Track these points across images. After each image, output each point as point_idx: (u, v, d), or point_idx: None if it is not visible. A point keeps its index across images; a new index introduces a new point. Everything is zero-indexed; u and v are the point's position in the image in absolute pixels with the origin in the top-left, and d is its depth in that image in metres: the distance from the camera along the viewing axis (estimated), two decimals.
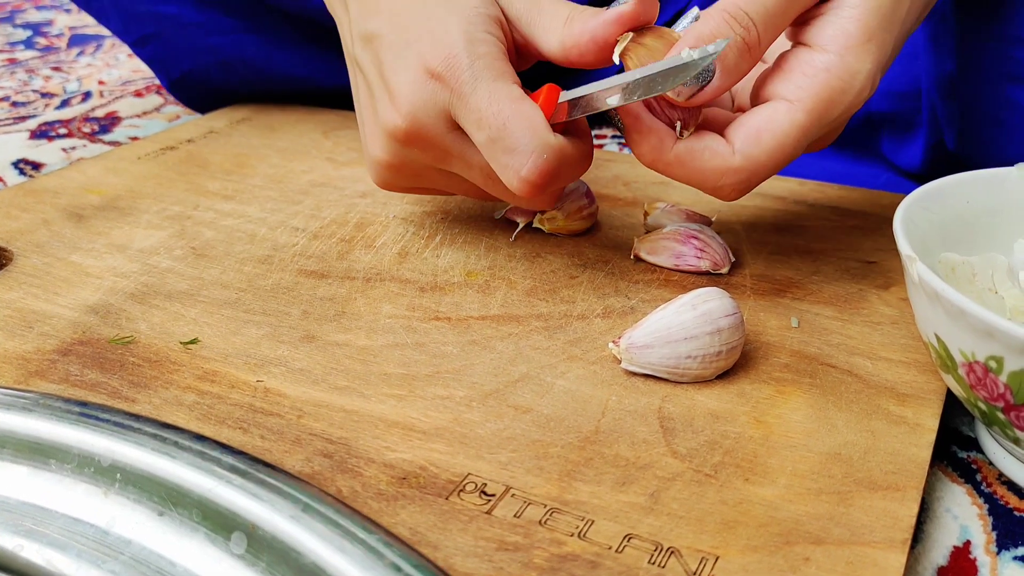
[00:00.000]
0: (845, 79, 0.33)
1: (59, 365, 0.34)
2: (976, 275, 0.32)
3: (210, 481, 0.25)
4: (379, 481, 0.28)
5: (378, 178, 0.39)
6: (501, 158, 0.34)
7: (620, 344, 0.33)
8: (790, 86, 0.34)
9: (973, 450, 0.32)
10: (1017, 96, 0.41)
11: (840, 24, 0.33)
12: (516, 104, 0.33)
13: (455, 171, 0.37)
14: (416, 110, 0.34)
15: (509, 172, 0.34)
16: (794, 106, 0.33)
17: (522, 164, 0.33)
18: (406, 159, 0.37)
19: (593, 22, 0.34)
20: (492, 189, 0.37)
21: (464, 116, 0.34)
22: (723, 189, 0.34)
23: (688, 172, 0.34)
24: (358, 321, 0.36)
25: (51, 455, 0.27)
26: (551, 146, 0.34)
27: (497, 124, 0.33)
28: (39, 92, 0.77)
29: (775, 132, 0.33)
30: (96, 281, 0.40)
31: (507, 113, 0.33)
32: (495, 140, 0.33)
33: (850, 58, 0.33)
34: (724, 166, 0.34)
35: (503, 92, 0.34)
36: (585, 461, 0.29)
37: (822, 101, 0.33)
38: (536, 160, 0.33)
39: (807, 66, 0.33)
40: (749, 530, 0.26)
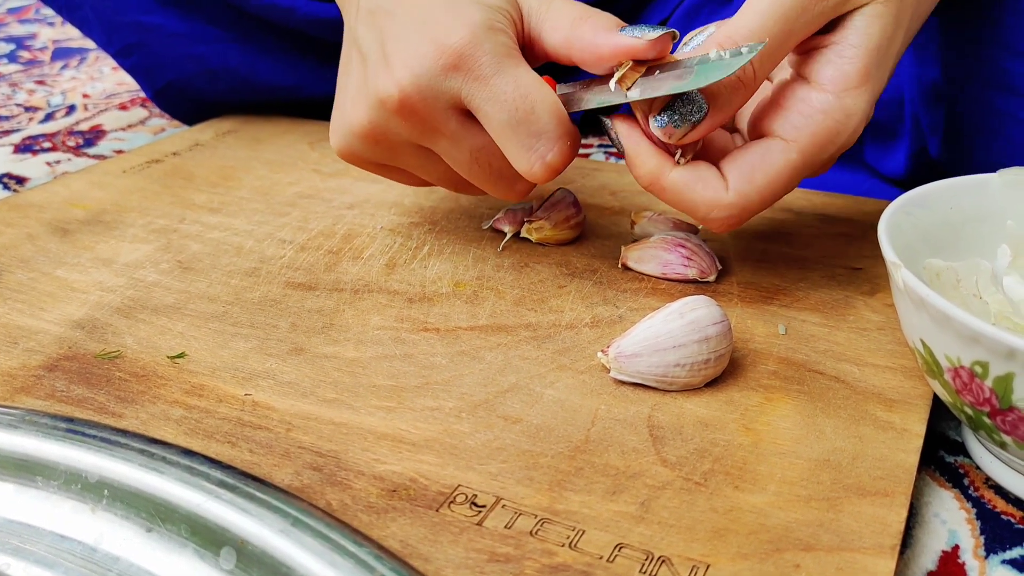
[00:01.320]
0: (841, 120, 0.34)
1: (45, 381, 0.33)
2: (960, 281, 0.32)
3: (198, 496, 0.25)
4: (369, 494, 0.28)
5: (346, 147, 0.39)
6: (525, 141, 0.34)
7: (609, 353, 0.33)
8: (787, 125, 0.34)
9: (960, 455, 0.33)
10: (1000, 103, 0.41)
11: (840, 65, 0.33)
12: (540, 88, 0.34)
13: (439, 150, 0.37)
14: (418, 80, 0.34)
15: (532, 155, 0.35)
16: (789, 146, 0.34)
17: (548, 149, 0.35)
18: (387, 130, 0.37)
19: (600, 41, 0.34)
20: (476, 174, 0.37)
21: (482, 97, 0.34)
22: (713, 221, 0.35)
23: (681, 200, 0.35)
24: (346, 333, 0.36)
25: (37, 472, 0.27)
26: (574, 133, 0.35)
27: (525, 107, 0.34)
28: (23, 106, 0.77)
29: (768, 171, 0.34)
30: (82, 296, 0.39)
31: (535, 97, 0.34)
32: (520, 123, 0.34)
33: (847, 100, 0.33)
34: (716, 200, 0.34)
35: (526, 76, 0.34)
36: (575, 471, 0.29)
37: (817, 143, 0.34)
38: (562, 147, 0.35)
39: (805, 105, 0.34)
40: (739, 538, 0.26)
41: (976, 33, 0.41)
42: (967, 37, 0.41)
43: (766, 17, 0.32)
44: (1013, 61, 0.40)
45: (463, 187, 0.40)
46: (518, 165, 0.35)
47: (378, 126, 0.37)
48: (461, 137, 0.36)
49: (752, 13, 0.32)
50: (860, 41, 0.33)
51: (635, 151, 0.35)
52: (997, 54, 0.40)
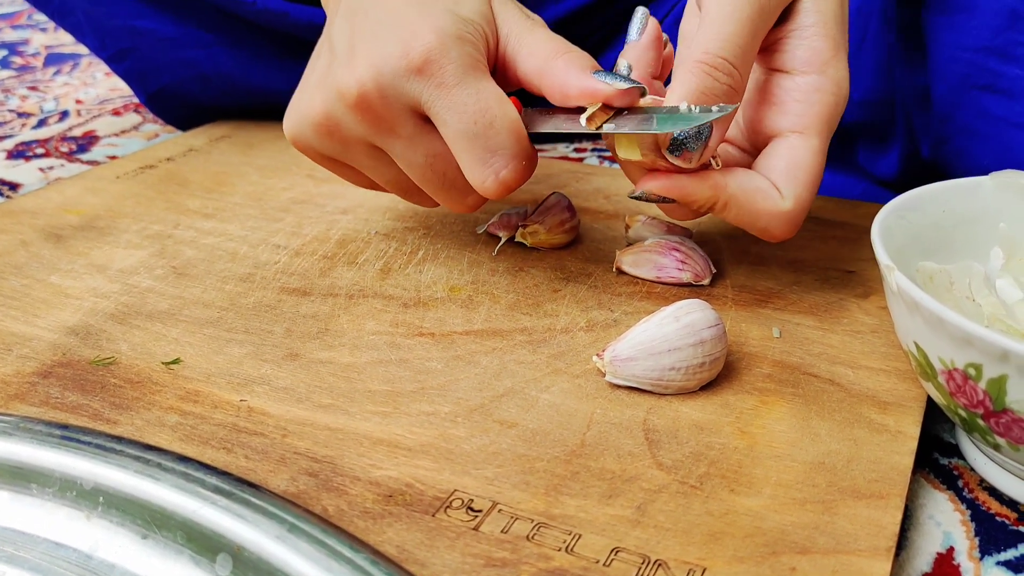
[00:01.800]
0: (835, 92, 0.34)
1: (39, 388, 0.33)
2: (954, 283, 0.32)
3: (194, 503, 0.25)
4: (365, 499, 0.28)
5: (299, 135, 0.38)
6: (480, 155, 0.34)
7: (604, 357, 0.33)
8: (791, 117, 0.35)
9: (954, 456, 0.33)
10: (990, 106, 0.41)
11: (808, 43, 0.34)
12: (503, 106, 0.34)
13: (392, 152, 0.37)
14: (380, 79, 0.34)
15: (487, 170, 0.34)
16: (806, 135, 0.35)
17: (503, 166, 0.34)
18: (341, 124, 0.36)
19: (571, 80, 0.34)
20: (428, 181, 0.37)
21: (442, 105, 0.34)
22: (772, 231, 0.35)
23: (741, 214, 0.35)
24: (341, 338, 0.36)
25: (32, 479, 0.27)
26: (530, 153, 0.35)
27: (484, 121, 0.34)
28: (15, 112, 0.76)
29: (805, 166, 0.34)
30: (76, 302, 0.39)
31: (495, 112, 0.34)
32: (477, 136, 0.34)
33: (831, 71, 0.34)
34: (777, 210, 0.34)
35: (489, 90, 0.34)
36: (571, 475, 0.29)
37: (826, 121, 0.35)
38: (517, 165, 0.35)
39: (797, 92, 0.35)
40: (735, 541, 0.26)
41: (969, 38, 0.41)
42: (960, 42, 0.41)
43: (734, 22, 0.33)
44: (1007, 66, 0.40)
45: (412, 194, 0.39)
46: (471, 178, 0.35)
47: (332, 118, 0.36)
48: (417, 141, 0.36)
49: (720, 21, 0.33)
50: (817, 18, 0.34)
51: (685, 189, 0.34)
52: (990, 59, 0.41)
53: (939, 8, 0.42)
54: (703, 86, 0.33)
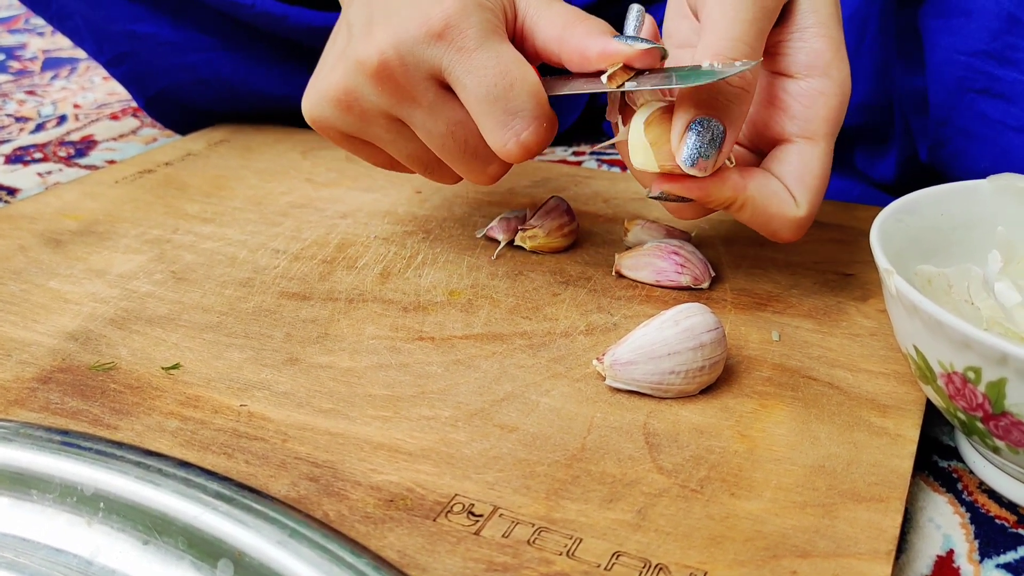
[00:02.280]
0: (839, 94, 0.35)
1: (39, 393, 0.33)
2: (952, 287, 0.32)
3: (195, 508, 0.25)
4: (366, 504, 0.28)
5: (318, 113, 0.38)
6: (501, 117, 0.34)
7: (604, 361, 0.33)
8: (798, 121, 0.35)
9: (954, 459, 0.33)
10: (988, 109, 0.41)
11: (809, 45, 0.34)
12: (522, 67, 0.35)
13: (413, 122, 0.36)
14: (400, 46, 0.34)
15: (507, 133, 0.34)
16: (814, 140, 0.35)
17: (523, 128, 0.35)
18: (361, 97, 0.36)
19: (591, 43, 0.34)
20: (449, 150, 0.37)
21: (463, 69, 0.34)
22: (782, 234, 0.35)
23: (756, 215, 0.35)
24: (341, 343, 0.36)
25: (32, 485, 0.27)
26: (551, 116, 0.35)
27: (504, 84, 0.34)
28: (13, 116, 0.76)
29: (816, 172, 0.35)
30: (75, 307, 0.39)
31: (516, 75, 0.34)
32: (498, 99, 0.34)
33: (834, 73, 0.34)
34: (791, 215, 0.35)
35: (509, 54, 0.34)
36: (572, 479, 0.29)
37: (832, 123, 0.35)
38: (538, 127, 0.35)
39: (802, 97, 0.35)
40: (736, 545, 0.26)
41: (966, 41, 0.41)
42: (956, 45, 0.42)
43: (741, 23, 0.33)
44: (1004, 69, 0.40)
45: (433, 169, 0.39)
46: (492, 141, 0.35)
47: (352, 92, 0.36)
48: (438, 109, 0.36)
49: (726, 24, 0.33)
50: (815, 19, 0.34)
51: (705, 189, 0.34)
52: (986, 62, 0.41)
53: (937, 12, 0.42)
54: (714, 90, 0.32)
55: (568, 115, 0.66)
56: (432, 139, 0.37)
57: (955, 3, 0.41)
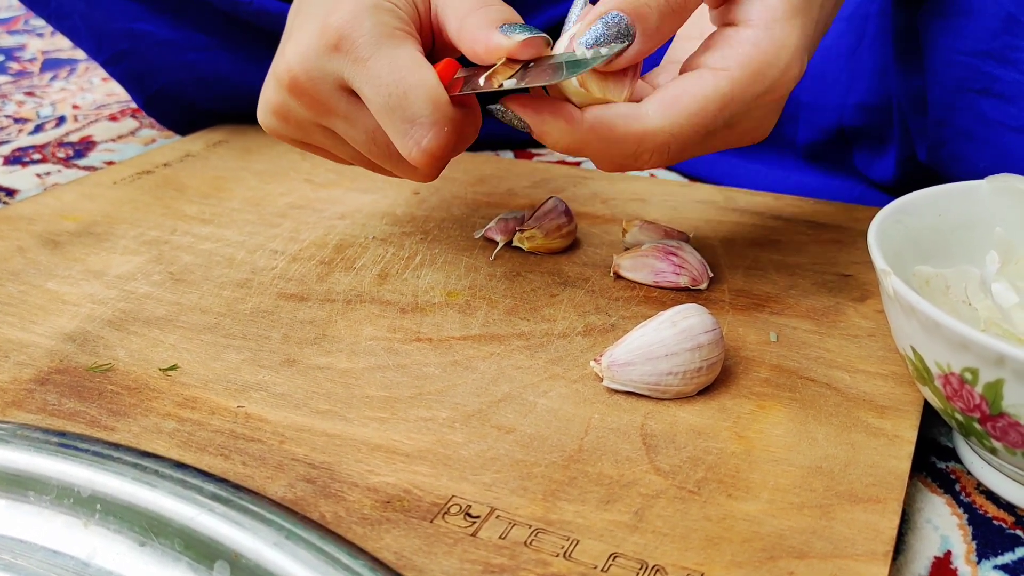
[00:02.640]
0: (771, 52, 0.32)
1: (36, 395, 0.33)
2: (950, 287, 0.32)
3: (192, 509, 0.25)
4: (363, 505, 0.28)
5: (265, 122, 0.39)
6: (400, 126, 0.33)
7: (601, 362, 0.33)
8: (715, 56, 0.33)
9: (951, 460, 0.33)
10: (987, 109, 0.41)
11: (765, 1, 0.33)
12: (417, 72, 0.33)
13: (338, 131, 0.37)
14: (305, 62, 0.34)
15: (409, 141, 0.33)
16: (718, 74, 0.32)
17: (423, 135, 0.33)
18: (291, 109, 0.37)
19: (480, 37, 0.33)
20: (376, 156, 0.37)
21: (361, 79, 0.33)
22: (642, 156, 0.33)
23: (603, 144, 0.32)
24: (339, 344, 0.36)
25: (29, 487, 0.27)
26: (452, 118, 0.34)
27: (398, 92, 0.33)
28: (12, 117, 0.76)
29: (695, 95, 0.32)
30: (73, 308, 0.39)
31: (409, 81, 0.33)
32: (394, 108, 0.33)
33: (776, 30, 0.33)
34: (641, 130, 0.32)
35: (404, 58, 0.33)
36: (569, 480, 0.29)
37: (748, 71, 0.32)
38: (438, 132, 0.33)
39: (733, 39, 0.33)
40: (733, 546, 0.26)
41: (965, 41, 0.41)
42: (956, 45, 0.42)
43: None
44: (1003, 69, 0.40)
45: (377, 167, 0.39)
46: (400, 149, 0.34)
47: (281, 105, 0.37)
48: (353, 117, 0.35)
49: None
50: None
51: (540, 118, 0.32)
52: (987, 62, 0.41)
53: (936, 12, 0.42)
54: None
55: None
56: (358, 145, 0.36)
57: (954, 3, 0.41)
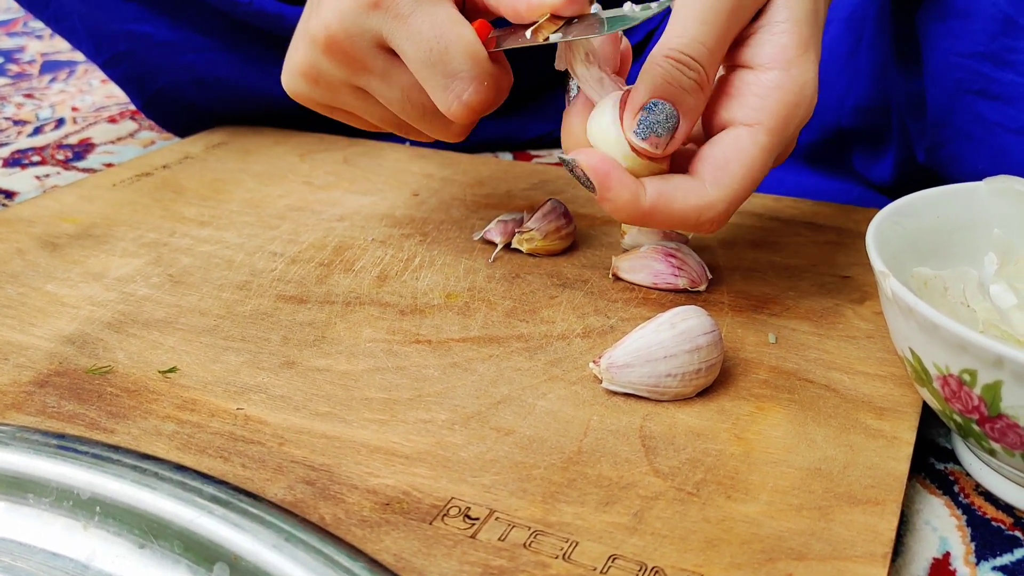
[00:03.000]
0: (796, 92, 0.33)
1: (36, 397, 0.33)
2: (948, 289, 0.32)
3: (191, 512, 0.25)
4: (362, 507, 0.28)
5: (292, 87, 0.40)
6: (441, 80, 0.35)
7: (600, 364, 0.33)
8: (745, 110, 0.34)
9: (950, 462, 0.33)
10: (985, 111, 0.41)
11: (776, 40, 0.34)
12: (457, 28, 0.35)
13: (372, 90, 0.37)
14: (344, 19, 0.35)
15: (449, 95, 0.35)
16: (755, 129, 0.34)
17: (463, 89, 0.35)
18: (322, 70, 0.37)
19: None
20: (410, 114, 0.37)
21: (401, 36, 0.35)
22: (703, 225, 0.34)
23: (667, 217, 0.34)
24: (338, 346, 0.36)
25: (29, 489, 0.27)
26: (491, 73, 0.35)
27: (440, 47, 0.34)
28: (11, 119, 0.76)
29: (743, 159, 0.33)
30: (72, 311, 0.39)
31: (450, 37, 0.34)
32: (435, 63, 0.34)
33: (795, 71, 0.33)
34: (701, 203, 0.33)
35: (443, 16, 0.35)
36: (568, 482, 0.29)
37: (781, 118, 0.33)
38: (478, 86, 0.35)
39: (756, 87, 0.34)
40: (732, 548, 0.26)
41: (963, 44, 0.41)
42: (954, 48, 0.42)
43: (704, 23, 0.32)
44: (1001, 71, 0.40)
45: (405, 128, 0.40)
46: (439, 104, 0.35)
47: (313, 66, 0.37)
48: (389, 75, 0.36)
49: (690, 20, 0.32)
50: (787, 15, 0.34)
51: (607, 185, 0.33)
52: (985, 65, 0.41)
53: (934, 14, 0.42)
54: (669, 77, 0.32)
55: None
56: (392, 104, 0.37)
57: (952, 6, 0.42)
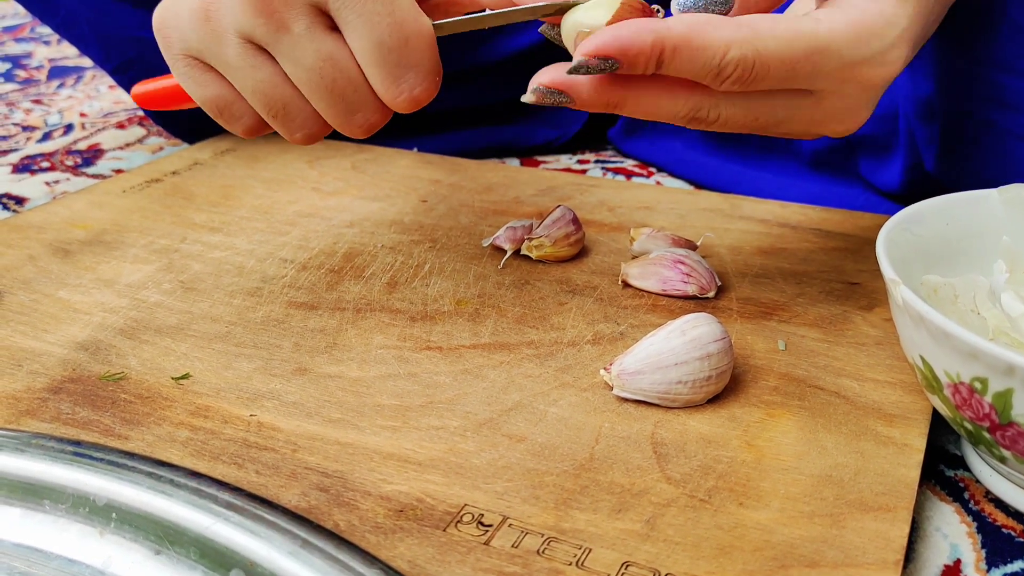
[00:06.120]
0: (879, 24, 0.31)
1: (50, 403, 0.33)
2: (958, 296, 0.32)
3: (206, 519, 0.25)
4: (376, 514, 0.28)
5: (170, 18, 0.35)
6: (394, 71, 0.33)
7: (611, 370, 0.33)
8: (823, 11, 0.32)
9: (960, 469, 0.33)
10: (997, 119, 0.41)
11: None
12: (419, 19, 0.33)
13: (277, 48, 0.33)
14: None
15: (402, 87, 0.33)
16: (821, 22, 0.31)
17: (416, 83, 0.33)
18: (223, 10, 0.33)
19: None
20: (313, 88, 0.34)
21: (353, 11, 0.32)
22: (726, 69, 0.30)
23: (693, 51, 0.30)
24: (350, 352, 0.37)
25: (45, 496, 0.27)
26: (440, 71, 0.34)
27: (400, 35, 0.32)
28: (20, 125, 0.77)
29: (790, 27, 0.30)
30: (85, 317, 0.39)
31: (412, 28, 0.32)
32: (392, 50, 0.32)
33: (887, 7, 0.31)
34: (732, 36, 0.30)
35: (405, 3, 0.33)
36: (581, 489, 0.29)
37: (850, 31, 0.31)
38: (432, 82, 0.33)
39: (844, 4, 0.32)
40: (744, 555, 0.26)
41: (972, 50, 0.41)
42: (963, 54, 0.42)
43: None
44: (1010, 78, 0.40)
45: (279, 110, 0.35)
46: (382, 92, 0.33)
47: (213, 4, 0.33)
48: (309, 39, 0.33)
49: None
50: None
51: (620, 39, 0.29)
52: (993, 71, 0.41)
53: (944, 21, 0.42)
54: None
55: (572, 124, 0.66)
56: (296, 71, 0.34)
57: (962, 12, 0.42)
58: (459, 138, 0.65)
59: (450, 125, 0.65)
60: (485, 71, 0.63)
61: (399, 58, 0.32)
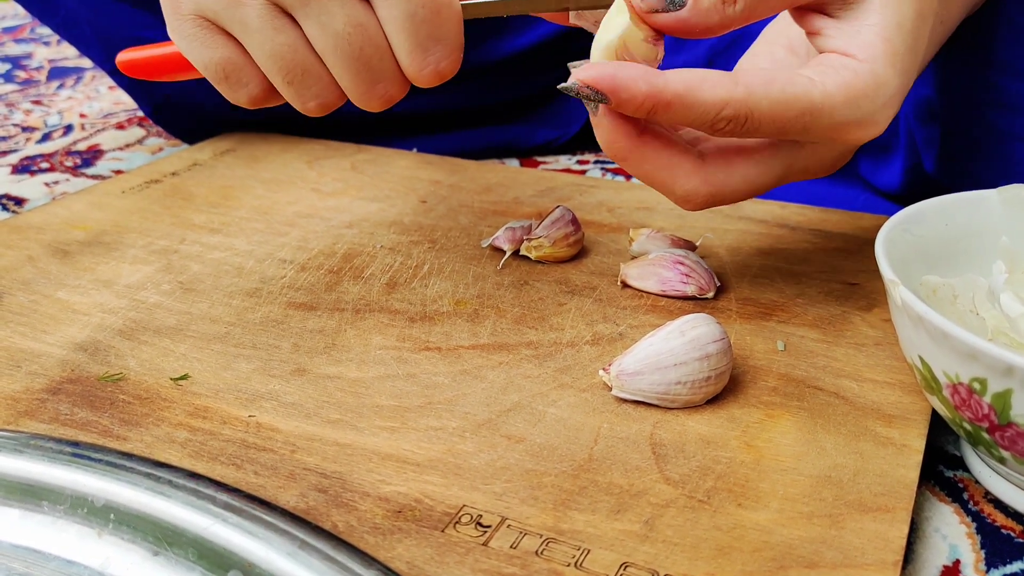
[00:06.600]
0: (871, 86, 0.31)
1: (49, 404, 0.33)
2: (957, 297, 0.32)
3: (205, 520, 0.25)
4: (375, 515, 0.28)
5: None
6: (423, 41, 0.33)
7: (610, 371, 0.33)
8: (814, 71, 0.32)
9: (960, 469, 0.33)
10: (997, 121, 0.41)
11: (865, 37, 0.32)
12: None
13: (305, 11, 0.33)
14: None
15: (429, 58, 0.33)
16: (815, 83, 0.31)
17: (443, 56, 0.33)
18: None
19: None
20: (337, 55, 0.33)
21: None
22: (719, 123, 0.31)
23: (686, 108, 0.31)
24: (349, 353, 0.37)
25: (43, 496, 0.27)
26: (463, 49, 0.34)
27: (432, 7, 0.32)
28: (20, 126, 0.77)
29: (785, 88, 0.31)
30: (84, 318, 0.39)
31: (444, 0, 0.33)
32: (424, 21, 0.32)
33: (878, 67, 0.31)
34: (727, 96, 0.30)
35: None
36: (579, 490, 0.29)
37: (843, 94, 0.31)
38: (457, 57, 0.34)
39: (836, 64, 0.32)
40: (743, 555, 0.26)
41: (972, 52, 0.41)
42: (962, 56, 0.42)
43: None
44: (1010, 80, 0.40)
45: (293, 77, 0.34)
46: (408, 63, 0.33)
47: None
48: (339, 6, 0.32)
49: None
50: (879, 20, 0.32)
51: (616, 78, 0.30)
52: (993, 73, 0.41)
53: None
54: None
55: (573, 123, 0.66)
56: (323, 35, 0.33)
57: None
58: (459, 138, 0.65)
59: (450, 125, 0.66)
60: (485, 71, 0.63)
61: (430, 30, 0.33)
